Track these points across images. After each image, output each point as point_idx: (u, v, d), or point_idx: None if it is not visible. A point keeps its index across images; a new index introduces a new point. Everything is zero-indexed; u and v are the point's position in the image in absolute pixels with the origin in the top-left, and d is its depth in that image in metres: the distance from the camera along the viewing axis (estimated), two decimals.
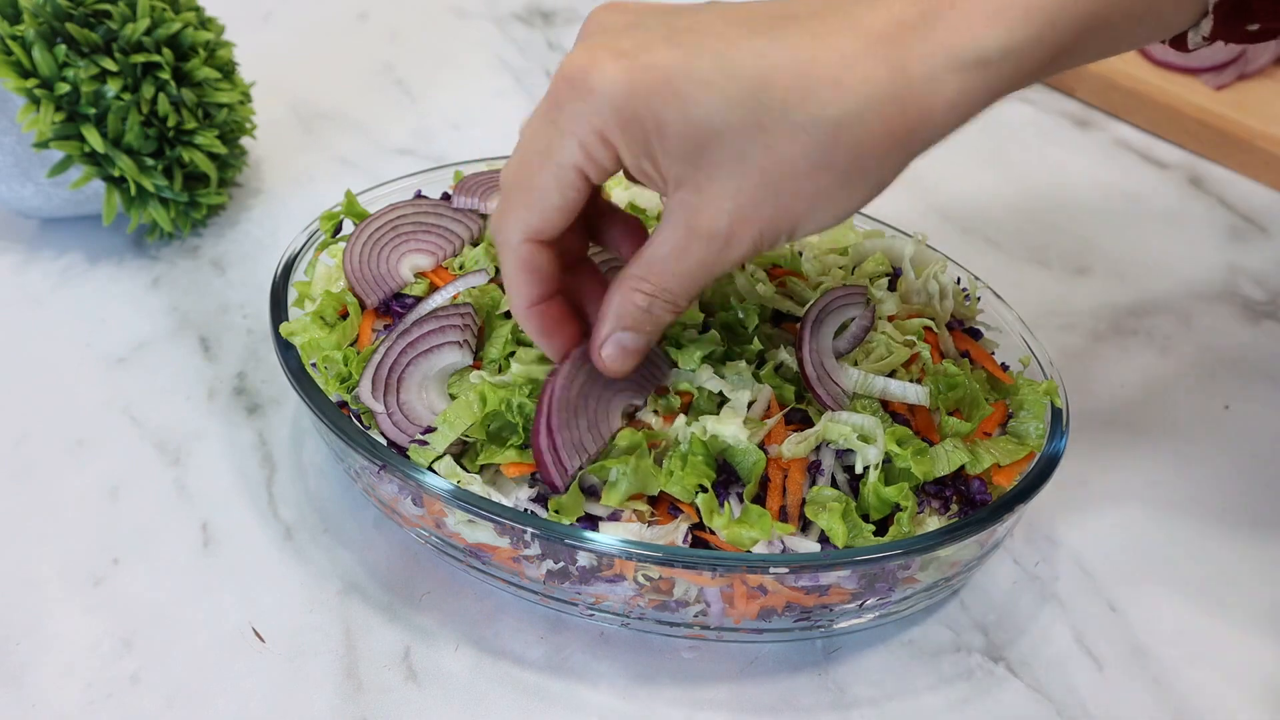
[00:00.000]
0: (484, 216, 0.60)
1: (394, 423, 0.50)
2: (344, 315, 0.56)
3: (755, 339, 0.52)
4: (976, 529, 0.47)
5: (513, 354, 0.51)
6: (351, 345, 0.54)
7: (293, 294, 0.58)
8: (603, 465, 0.47)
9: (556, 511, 0.47)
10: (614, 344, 0.45)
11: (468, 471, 0.49)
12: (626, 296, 0.44)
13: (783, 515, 0.47)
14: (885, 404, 0.51)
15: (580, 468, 0.47)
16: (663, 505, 0.48)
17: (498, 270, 0.57)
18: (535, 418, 0.47)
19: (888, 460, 0.48)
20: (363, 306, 0.56)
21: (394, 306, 0.55)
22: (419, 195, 0.63)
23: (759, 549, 0.46)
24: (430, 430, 0.49)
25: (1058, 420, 0.52)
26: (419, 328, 0.52)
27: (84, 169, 0.67)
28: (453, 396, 0.51)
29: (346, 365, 0.52)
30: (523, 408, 0.48)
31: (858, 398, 0.50)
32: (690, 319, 0.52)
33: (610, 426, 0.49)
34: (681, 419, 0.48)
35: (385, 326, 0.55)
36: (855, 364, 0.52)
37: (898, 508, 0.47)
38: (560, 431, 0.47)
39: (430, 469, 0.48)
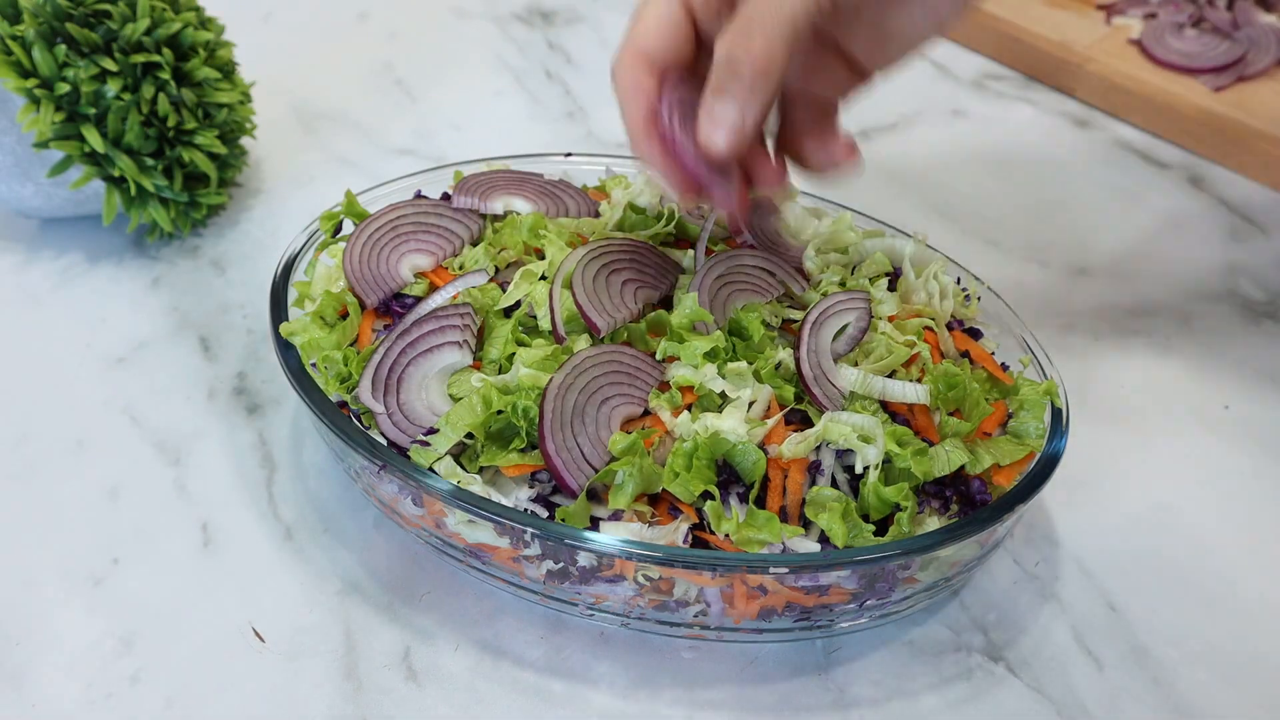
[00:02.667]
0: (484, 216, 0.60)
1: (394, 423, 0.50)
2: (344, 315, 0.56)
3: (766, 349, 0.52)
4: (976, 529, 0.47)
5: (513, 355, 0.51)
6: (351, 345, 0.54)
7: (293, 294, 0.58)
8: (609, 469, 0.47)
9: (563, 520, 0.47)
10: (707, 117, 0.45)
11: (466, 472, 0.49)
12: (717, 56, 0.44)
13: (783, 515, 0.47)
14: (885, 404, 0.51)
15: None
16: (663, 505, 0.48)
17: (497, 270, 0.57)
18: (540, 425, 0.47)
19: (887, 460, 0.48)
20: (362, 307, 0.56)
21: (394, 307, 0.55)
22: (419, 195, 0.63)
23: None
24: (432, 431, 0.49)
25: (1058, 420, 0.52)
26: (419, 328, 0.52)
27: (84, 169, 0.67)
28: (453, 397, 0.51)
29: (346, 365, 0.52)
30: (527, 411, 0.48)
31: (856, 398, 0.50)
32: (697, 318, 0.52)
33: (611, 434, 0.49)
34: (686, 415, 0.49)
35: (385, 326, 0.55)
36: (855, 365, 0.52)
37: (898, 508, 0.47)
38: (570, 438, 0.48)
39: (430, 469, 0.48)
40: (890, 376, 0.51)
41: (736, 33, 0.43)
